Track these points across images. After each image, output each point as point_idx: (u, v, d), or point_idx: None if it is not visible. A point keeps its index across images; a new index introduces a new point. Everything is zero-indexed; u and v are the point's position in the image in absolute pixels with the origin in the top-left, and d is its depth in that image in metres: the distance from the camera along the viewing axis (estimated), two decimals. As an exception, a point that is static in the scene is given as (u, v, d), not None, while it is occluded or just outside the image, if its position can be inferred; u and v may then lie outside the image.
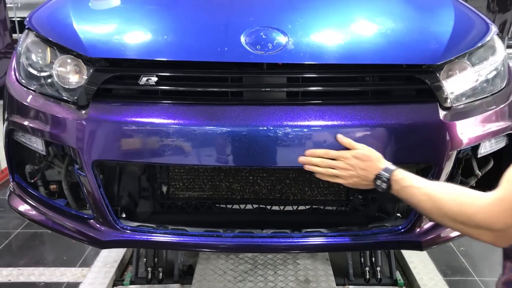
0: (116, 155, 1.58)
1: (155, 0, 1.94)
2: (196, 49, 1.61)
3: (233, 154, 1.55)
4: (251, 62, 1.56)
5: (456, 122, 1.58)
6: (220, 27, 1.68)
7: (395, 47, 1.62)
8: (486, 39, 1.75)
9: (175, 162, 1.59)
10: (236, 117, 1.54)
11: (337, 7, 1.84)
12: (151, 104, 1.57)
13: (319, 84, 1.58)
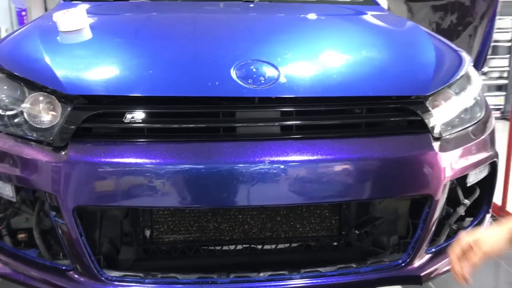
0: (101, 200, 1.46)
1: (136, 33, 1.86)
2: (184, 84, 1.54)
3: (224, 193, 1.47)
4: (244, 96, 1.50)
5: (448, 152, 1.59)
6: (209, 61, 1.62)
7: (385, 79, 1.63)
8: (464, 69, 1.80)
9: (167, 204, 1.51)
10: (228, 154, 1.47)
11: (325, 40, 1.84)
12: (138, 143, 1.47)
13: (314, 118, 1.54)
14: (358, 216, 1.75)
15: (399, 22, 2.22)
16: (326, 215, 1.76)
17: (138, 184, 1.44)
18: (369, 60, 1.70)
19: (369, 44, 1.82)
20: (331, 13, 2.29)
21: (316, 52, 1.73)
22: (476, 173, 1.76)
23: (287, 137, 1.52)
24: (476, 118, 1.80)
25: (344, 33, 1.96)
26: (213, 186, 1.46)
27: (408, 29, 2.06)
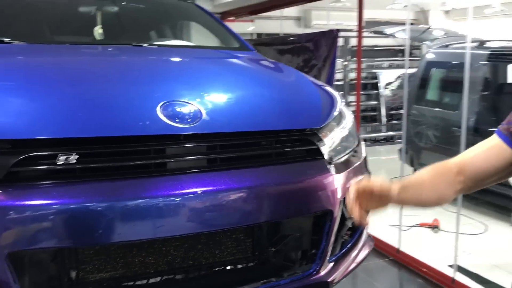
0: (29, 243, 1.45)
1: (56, 74, 1.86)
2: (114, 124, 1.62)
3: (150, 226, 1.58)
4: (172, 134, 1.64)
5: (340, 174, 1.92)
6: (137, 102, 1.73)
7: (287, 115, 1.92)
8: (339, 106, 2.18)
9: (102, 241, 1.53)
10: (154, 188, 1.59)
11: (234, 81, 2.07)
12: (66, 184, 1.51)
13: (233, 151, 1.74)
14: (271, 236, 1.97)
15: (282, 67, 2.57)
16: (241, 239, 1.95)
17: (63, 224, 1.47)
18: (272, 100, 1.98)
19: (270, 85, 2.11)
20: (223, 57, 2.55)
21: (229, 92, 1.95)
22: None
23: (208, 169, 1.69)
24: (352, 146, 2.17)
25: (246, 75, 2.22)
26: (139, 220, 1.55)
27: (293, 72, 2.41)
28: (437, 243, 4.52)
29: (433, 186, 1.28)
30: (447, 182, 1.27)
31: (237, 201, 1.67)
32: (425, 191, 1.27)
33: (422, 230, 4.87)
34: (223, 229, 1.80)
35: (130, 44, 2.55)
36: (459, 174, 1.28)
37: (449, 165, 1.30)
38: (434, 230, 4.86)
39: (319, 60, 5.14)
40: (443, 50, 5.87)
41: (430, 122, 5.64)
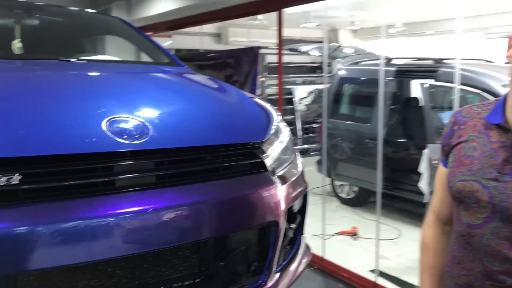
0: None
1: None
2: (59, 142, 1.55)
3: (96, 247, 1.54)
4: (119, 151, 1.60)
5: (284, 185, 1.98)
6: (79, 118, 1.66)
7: (233, 130, 1.95)
8: (277, 121, 2.26)
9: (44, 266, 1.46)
10: (102, 207, 1.55)
11: (177, 97, 2.06)
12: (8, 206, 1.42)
13: (182, 166, 1.74)
14: (218, 250, 1.98)
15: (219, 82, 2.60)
16: (188, 255, 1.93)
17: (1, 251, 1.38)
18: (216, 115, 2.00)
19: (212, 101, 2.13)
20: (159, 72, 2.52)
21: (174, 108, 1.94)
22: (298, 202, 2.20)
23: (156, 186, 1.68)
24: (290, 159, 2.26)
25: (188, 90, 2.22)
26: (83, 241, 1.50)
27: (231, 88, 2.45)
28: (357, 250, 4.76)
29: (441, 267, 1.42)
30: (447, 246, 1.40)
31: (186, 217, 1.66)
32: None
33: (343, 238, 5.11)
34: (171, 246, 1.77)
35: (57, 59, 2.44)
36: (444, 226, 1.43)
37: (436, 232, 1.45)
38: (353, 237, 5.12)
39: (240, 76, 5.25)
40: (354, 67, 6.24)
41: (344, 135, 5.96)
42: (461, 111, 1.37)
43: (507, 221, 1.15)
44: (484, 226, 1.20)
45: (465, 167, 1.25)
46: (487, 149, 1.23)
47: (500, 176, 1.17)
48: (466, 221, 1.24)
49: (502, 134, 1.22)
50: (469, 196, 1.22)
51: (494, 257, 1.18)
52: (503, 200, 1.15)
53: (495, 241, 1.18)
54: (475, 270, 1.23)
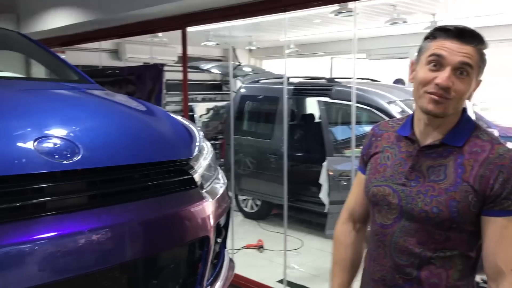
0: None
1: None
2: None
3: (24, 273, 1.47)
4: (51, 171, 1.54)
5: (213, 200, 2.03)
6: (11, 140, 1.56)
7: (163, 147, 1.96)
8: (201, 139, 2.31)
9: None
10: (31, 231, 1.48)
11: (104, 115, 2.00)
12: None
13: (115, 185, 1.71)
14: (149, 269, 1.95)
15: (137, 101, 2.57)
16: (117, 277, 1.89)
17: None
18: (145, 132, 2.00)
19: (138, 119, 2.12)
20: (75, 90, 2.43)
21: (102, 126, 1.90)
22: (224, 217, 2.25)
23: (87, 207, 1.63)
24: (215, 174, 2.31)
25: (112, 108, 2.17)
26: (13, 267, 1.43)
27: (153, 106, 2.44)
28: (264, 262, 4.91)
29: (354, 260, 1.58)
30: (359, 246, 1.58)
31: (119, 237, 1.64)
32: (354, 268, 1.56)
33: (250, 251, 5.24)
34: (101, 269, 1.73)
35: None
36: (355, 224, 1.59)
37: (347, 229, 1.60)
38: (259, 250, 5.26)
39: (143, 93, 5.18)
40: (255, 85, 6.47)
41: (247, 150, 6.13)
42: (378, 125, 1.55)
43: (412, 220, 1.33)
44: (394, 225, 1.37)
45: (379, 174, 1.43)
46: (397, 158, 1.41)
47: (407, 182, 1.35)
48: (380, 221, 1.42)
49: (410, 145, 1.40)
50: (382, 199, 1.40)
51: (402, 252, 1.36)
52: (409, 202, 1.33)
53: (402, 238, 1.35)
54: (387, 265, 1.40)
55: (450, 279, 1.32)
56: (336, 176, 4.89)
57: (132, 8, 4.45)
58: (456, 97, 1.27)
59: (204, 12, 4.25)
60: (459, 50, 1.26)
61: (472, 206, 1.27)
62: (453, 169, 1.30)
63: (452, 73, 1.26)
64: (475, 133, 1.34)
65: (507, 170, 1.25)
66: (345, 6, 5.08)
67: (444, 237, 1.31)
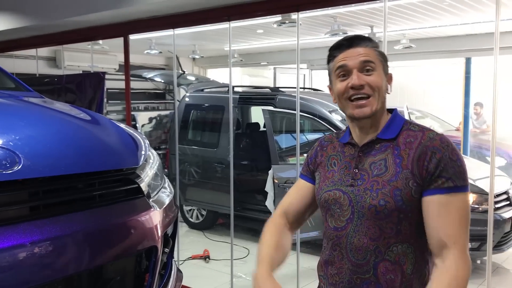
0: None
1: None
2: None
3: None
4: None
5: (160, 210, 2.00)
6: None
7: (108, 156, 1.90)
8: (148, 148, 2.27)
9: None
10: None
11: (50, 125, 1.92)
12: None
13: (58, 195, 1.65)
14: (93, 282, 1.89)
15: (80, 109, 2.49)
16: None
17: None
18: (89, 141, 1.93)
19: (82, 128, 2.04)
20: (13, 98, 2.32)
21: (43, 135, 1.82)
22: (171, 226, 2.22)
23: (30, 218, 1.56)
24: (162, 183, 2.28)
25: (54, 117, 2.08)
26: None
27: (96, 114, 2.37)
28: (211, 272, 4.86)
29: (284, 248, 1.57)
30: (287, 238, 1.60)
31: (63, 249, 1.57)
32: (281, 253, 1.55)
33: (195, 262, 5.18)
34: (44, 284, 1.65)
35: None
36: (287, 223, 1.63)
37: (279, 221, 1.63)
38: (206, 260, 5.21)
39: (83, 102, 5.04)
40: (200, 94, 6.44)
41: (192, 160, 6.08)
42: (324, 137, 1.65)
43: (363, 218, 1.40)
44: (347, 227, 1.43)
45: (328, 180, 1.51)
46: (343, 162, 1.51)
47: (354, 182, 1.44)
48: (333, 225, 1.47)
49: (351, 148, 1.51)
50: (334, 203, 1.46)
51: (358, 251, 1.41)
52: (358, 200, 1.41)
53: (356, 237, 1.41)
54: (344, 267, 1.44)
55: (405, 273, 1.37)
56: (282, 183, 4.95)
57: (72, 15, 4.32)
58: (375, 91, 1.39)
59: (147, 20, 4.19)
60: (356, 54, 1.40)
61: (414, 191, 1.35)
62: (392, 161, 1.39)
63: (360, 73, 1.39)
64: (406, 126, 1.45)
65: (438, 150, 1.35)
66: (288, 16, 5.18)
67: (395, 231, 1.37)
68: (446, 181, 1.33)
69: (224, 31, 3.80)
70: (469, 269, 1.33)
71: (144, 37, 7.12)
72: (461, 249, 1.33)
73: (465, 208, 1.35)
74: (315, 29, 7.15)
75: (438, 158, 1.34)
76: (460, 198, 1.34)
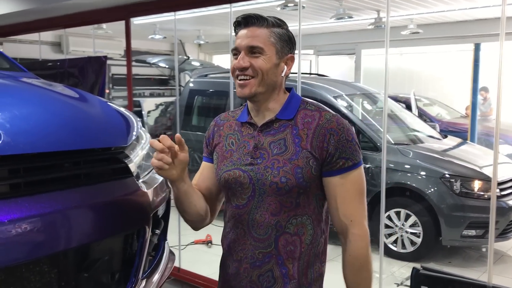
0: None
1: None
2: None
3: None
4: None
5: (149, 190, 1.97)
6: None
7: (96, 134, 1.88)
8: (139, 127, 2.24)
9: None
10: None
11: (36, 102, 1.90)
12: None
13: (40, 173, 1.62)
14: (79, 262, 1.86)
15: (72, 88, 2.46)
16: (45, 271, 1.79)
17: None
18: (76, 119, 1.90)
19: (69, 105, 2.02)
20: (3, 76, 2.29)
21: (28, 112, 1.79)
22: (162, 207, 2.19)
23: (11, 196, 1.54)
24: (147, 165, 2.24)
25: (42, 95, 2.06)
26: None
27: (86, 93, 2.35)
28: (213, 257, 4.86)
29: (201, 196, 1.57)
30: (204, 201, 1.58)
31: (46, 227, 1.55)
32: (198, 196, 1.56)
33: (198, 247, 5.18)
34: (27, 261, 1.63)
35: None
36: None
37: None
38: (208, 245, 5.22)
39: (85, 86, 5.02)
40: (204, 79, 6.40)
41: (196, 146, 6.06)
42: (220, 116, 1.67)
43: (264, 194, 1.45)
44: (249, 204, 1.48)
45: (227, 160, 1.53)
46: (241, 142, 1.53)
47: (254, 161, 1.48)
48: (235, 203, 1.51)
49: (249, 128, 1.53)
50: (234, 182, 1.50)
51: (259, 227, 1.47)
52: (259, 178, 1.45)
53: (258, 213, 1.47)
54: (247, 243, 1.49)
55: (304, 243, 1.47)
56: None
57: (73, -3, 4.29)
58: (258, 73, 1.43)
59: (148, 3, 4.15)
60: (247, 35, 1.44)
61: (313, 169, 1.43)
62: (291, 140, 1.45)
63: (247, 55, 1.43)
64: (303, 106, 1.51)
65: (335, 132, 1.43)
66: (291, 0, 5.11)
67: (294, 204, 1.45)
68: (345, 161, 1.43)
69: (228, 15, 3.77)
70: (367, 242, 1.46)
71: (148, 21, 7.07)
72: (358, 223, 1.45)
73: (361, 181, 1.47)
74: (321, 13, 7.06)
75: (336, 140, 1.42)
76: (356, 173, 1.45)
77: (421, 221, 4.71)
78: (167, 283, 4.15)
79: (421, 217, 4.71)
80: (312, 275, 1.50)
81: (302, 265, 1.47)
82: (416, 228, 4.74)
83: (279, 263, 1.46)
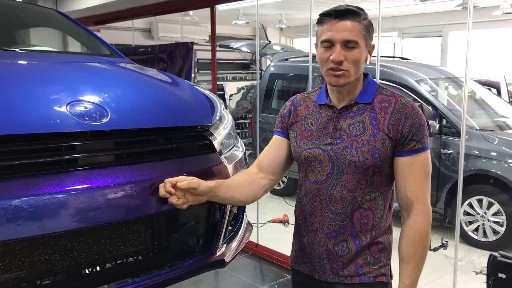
0: None
1: None
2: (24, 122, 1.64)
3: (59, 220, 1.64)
4: (82, 131, 1.72)
5: (230, 164, 2.18)
6: (41, 101, 1.75)
7: (185, 114, 2.11)
8: (222, 108, 2.45)
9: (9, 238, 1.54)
10: (65, 183, 1.66)
11: (133, 84, 2.18)
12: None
13: (139, 146, 1.88)
14: (169, 226, 2.12)
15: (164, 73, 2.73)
16: (142, 230, 2.06)
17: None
18: (168, 100, 2.16)
19: (163, 88, 2.28)
20: (107, 62, 2.62)
21: (129, 93, 2.07)
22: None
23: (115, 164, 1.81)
24: (234, 142, 2.45)
25: (139, 78, 2.35)
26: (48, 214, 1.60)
27: (176, 77, 2.61)
28: (288, 235, 5.04)
29: (241, 186, 1.75)
30: (251, 181, 1.76)
31: (141, 192, 1.80)
32: (236, 191, 1.73)
33: (275, 225, 5.39)
34: (127, 219, 1.89)
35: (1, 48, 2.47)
36: (259, 173, 1.77)
37: (250, 169, 1.81)
38: (285, 224, 5.41)
39: (173, 71, 5.34)
40: (284, 63, 6.54)
41: (275, 128, 6.23)
42: (295, 97, 1.78)
43: (343, 172, 1.57)
44: (327, 180, 1.61)
45: (307, 139, 1.65)
46: (320, 122, 1.64)
47: (333, 141, 1.60)
48: (313, 179, 1.64)
49: (329, 110, 1.64)
50: (314, 159, 1.62)
51: (337, 201, 1.59)
52: (338, 157, 1.57)
53: (336, 189, 1.59)
54: (324, 215, 1.63)
55: (376, 217, 1.61)
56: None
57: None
58: (352, 65, 1.52)
59: (233, -11, 4.34)
60: (342, 28, 1.50)
61: (389, 150, 1.56)
62: (369, 123, 1.57)
63: (342, 48, 1.50)
64: (379, 91, 1.62)
65: (410, 116, 1.55)
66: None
67: (369, 182, 1.58)
68: (416, 144, 1.55)
69: (309, 0, 3.87)
70: (429, 218, 1.60)
71: (232, 7, 7.31)
72: (423, 201, 1.58)
73: (428, 163, 1.59)
74: (405, -5, 6.89)
75: (411, 123, 1.54)
76: (424, 155, 1.57)
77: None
78: (246, 257, 4.40)
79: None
80: (382, 245, 1.64)
81: (373, 237, 1.62)
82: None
83: (353, 234, 1.60)
